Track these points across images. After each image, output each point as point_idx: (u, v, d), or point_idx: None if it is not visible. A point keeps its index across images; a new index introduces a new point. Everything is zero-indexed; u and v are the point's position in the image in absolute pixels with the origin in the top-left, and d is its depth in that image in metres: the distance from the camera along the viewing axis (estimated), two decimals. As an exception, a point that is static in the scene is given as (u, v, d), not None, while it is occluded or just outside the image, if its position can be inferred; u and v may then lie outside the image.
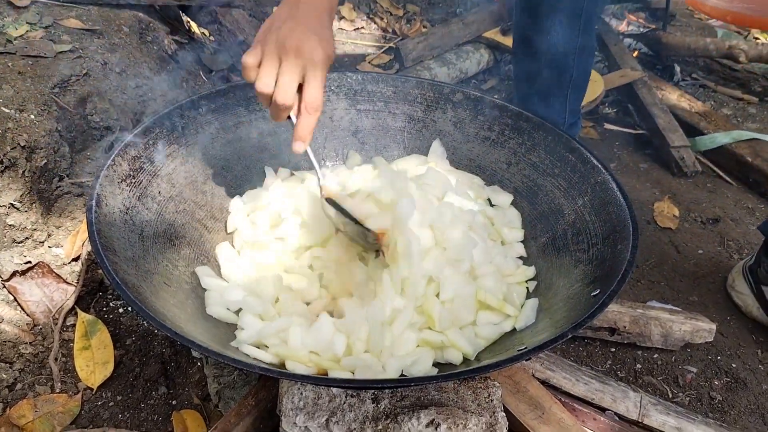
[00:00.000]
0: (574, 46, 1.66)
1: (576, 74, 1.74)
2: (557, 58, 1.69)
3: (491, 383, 1.14)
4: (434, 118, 1.53)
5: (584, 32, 1.65)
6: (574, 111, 1.85)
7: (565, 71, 1.72)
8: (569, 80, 1.74)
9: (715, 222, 2.07)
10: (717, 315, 1.70)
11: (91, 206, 1.07)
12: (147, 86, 1.89)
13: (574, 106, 1.83)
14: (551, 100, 1.80)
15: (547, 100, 1.80)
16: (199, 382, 1.37)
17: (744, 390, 1.52)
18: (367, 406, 1.08)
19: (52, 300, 1.43)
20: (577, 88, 1.79)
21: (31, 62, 1.68)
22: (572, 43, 1.66)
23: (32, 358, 1.35)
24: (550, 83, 1.76)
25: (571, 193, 1.32)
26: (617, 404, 1.31)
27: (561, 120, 1.83)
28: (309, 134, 1.12)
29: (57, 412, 1.26)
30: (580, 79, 1.77)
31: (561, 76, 1.73)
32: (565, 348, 1.55)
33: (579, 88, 1.80)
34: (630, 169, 2.33)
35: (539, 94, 1.79)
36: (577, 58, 1.70)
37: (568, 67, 1.71)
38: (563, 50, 1.68)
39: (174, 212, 1.28)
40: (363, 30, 2.95)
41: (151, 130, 1.29)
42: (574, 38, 1.65)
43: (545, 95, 1.79)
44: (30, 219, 1.48)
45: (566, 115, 1.82)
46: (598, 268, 1.14)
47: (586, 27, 1.65)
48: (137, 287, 1.01)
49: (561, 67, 1.72)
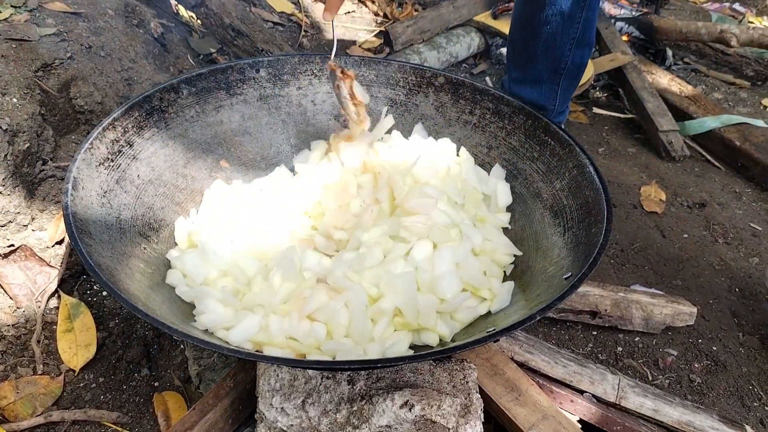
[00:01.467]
0: (572, 35, 1.66)
1: (571, 64, 1.73)
2: (555, 46, 1.69)
3: (467, 365, 1.15)
4: (416, 101, 1.53)
5: (584, 24, 1.65)
6: (564, 99, 1.85)
7: (561, 59, 1.72)
8: (564, 68, 1.74)
9: (701, 206, 2.08)
10: (700, 299, 1.71)
11: (67, 189, 1.08)
12: (133, 70, 1.88)
13: (565, 95, 1.83)
14: (543, 87, 1.79)
15: (540, 86, 1.79)
16: (181, 364, 1.38)
17: (724, 373, 1.53)
18: (342, 387, 1.09)
19: (35, 283, 1.43)
20: (570, 77, 1.78)
21: (14, 45, 1.67)
22: (571, 32, 1.66)
23: (15, 340, 1.35)
24: (544, 69, 1.76)
25: (550, 177, 1.32)
26: (595, 386, 1.32)
27: (551, 106, 1.83)
28: (336, 7, 1.35)
29: (39, 394, 1.27)
30: (575, 69, 1.77)
31: (556, 64, 1.73)
32: (547, 331, 1.56)
33: (573, 78, 1.80)
34: (618, 153, 2.33)
35: (532, 80, 1.79)
36: (574, 48, 1.69)
37: (564, 56, 1.71)
38: (561, 39, 1.67)
39: (153, 195, 1.29)
40: (354, 14, 2.94)
41: (130, 113, 1.28)
42: (573, 28, 1.65)
43: (538, 80, 1.78)
44: (13, 203, 1.48)
45: (557, 101, 1.82)
46: (573, 251, 1.15)
47: (586, 20, 1.64)
48: (112, 270, 1.02)
49: (557, 55, 1.71)
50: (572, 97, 2.04)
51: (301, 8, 2.76)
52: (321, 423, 1.04)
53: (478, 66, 2.74)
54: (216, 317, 1.11)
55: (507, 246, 1.30)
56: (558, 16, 1.63)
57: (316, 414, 1.05)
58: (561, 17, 1.62)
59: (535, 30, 1.68)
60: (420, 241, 1.23)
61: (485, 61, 2.76)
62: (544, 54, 1.72)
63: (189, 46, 2.23)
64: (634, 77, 2.54)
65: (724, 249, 1.91)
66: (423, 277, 1.17)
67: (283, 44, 2.35)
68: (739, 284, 1.78)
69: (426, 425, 1.03)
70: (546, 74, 1.77)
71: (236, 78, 1.45)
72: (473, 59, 2.78)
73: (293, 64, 1.50)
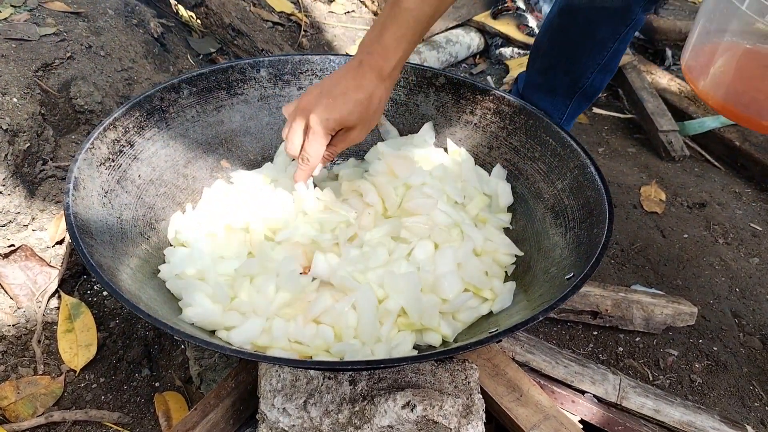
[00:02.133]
0: (599, 61, 1.65)
1: (589, 87, 1.73)
2: (579, 65, 1.68)
3: (469, 365, 1.15)
4: (417, 101, 1.53)
5: (613, 53, 1.64)
6: (572, 116, 1.85)
7: (581, 79, 1.71)
8: (581, 88, 1.73)
9: (701, 206, 2.08)
10: (700, 299, 1.71)
11: (68, 189, 1.08)
12: (133, 69, 1.88)
13: (574, 112, 1.83)
14: (556, 99, 1.79)
15: (553, 97, 1.79)
16: (182, 364, 1.38)
17: (725, 373, 1.53)
18: (344, 388, 1.09)
19: (36, 283, 1.43)
20: (584, 98, 1.78)
21: (14, 45, 1.67)
22: (599, 58, 1.65)
23: (15, 340, 1.35)
24: (561, 83, 1.75)
25: (551, 177, 1.32)
26: (596, 387, 1.32)
27: (557, 117, 1.82)
28: (303, 179, 1.29)
29: (40, 394, 1.27)
30: (591, 93, 1.76)
31: (575, 82, 1.72)
32: (548, 331, 1.56)
33: (586, 99, 1.79)
34: (618, 153, 2.33)
35: (547, 89, 1.78)
36: (597, 73, 1.69)
37: (585, 77, 1.70)
38: (587, 61, 1.66)
39: (154, 195, 1.29)
40: (354, 14, 2.94)
41: (131, 113, 1.28)
42: (602, 55, 1.64)
43: (552, 91, 1.78)
44: (13, 203, 1.48)
45: (564, 115, 1.82)
46: (575, 251, 1.15)
47: (616, 50, 1.63)
48: (114, 270, 1.02)
49: (579, 74, 1.70)
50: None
51: (301, 8, 2.76)
52: (323, 423, 1.04)
53: (477, 66, 2.74)
54: (203, 311, 1.11)
55: (508, 246, 1.30)
56: (590, 40, 1.61)
57: (317, 414, 1.05)
58: (593, 42, 1.61)
59: (563, 44, 1.67)
60: (421, 241, 1.23)
61: (485, 61, 2.76)
62: (565, 69, 1.71)
63: (189, 46, 2.22)
64: (634, 77, 2.54)
65: (724, 249, 1.91)
66: (425, 277, 1.17)
67: (283, 44, 2.35)
68: (739, 284, 1.78)
69: (428, 425, 1.03)
70: (562, 88, 1.76)
71: (237, 78, 1.45)
72: (473, 59, 2.78)
73: (294, 63, 1.50)
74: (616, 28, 1.58)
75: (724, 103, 1.06)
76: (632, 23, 1.57)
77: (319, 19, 2.79)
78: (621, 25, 1.57)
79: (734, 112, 1.06)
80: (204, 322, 1.11)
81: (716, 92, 1.07)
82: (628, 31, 1.59)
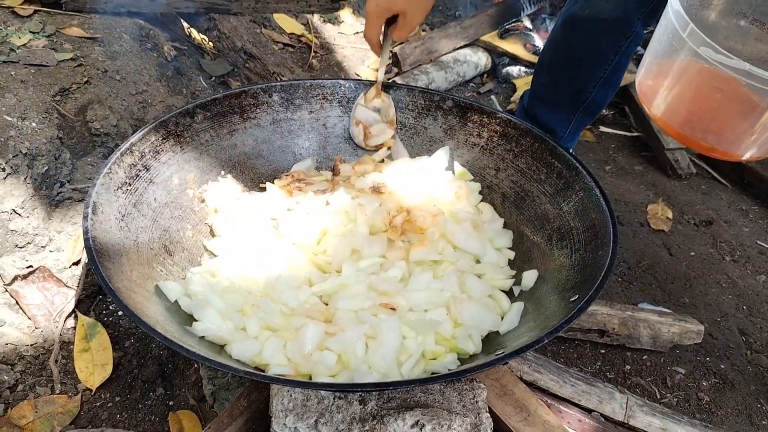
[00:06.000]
0: (601, 75, 1.68)
1: (592, 101, 1.76)
2: (581, 79, 1.71)
3: (477, 385, 1.17)
4: (425, 124, 1.56)
5: (615, 67, 1.67)
6: (576, 130, 1.87)
7: (583, 93, 1.74)
8: (584, 102, 1.76)
9: (708, 224, 2.09)
10: (707, 316, 1.73)
11: (87, 214, 1.11)
12: (147, 93, 1.92)
13: (577, 126, 1.85)
14: (560, 112, 1.82)
15: (556, 110, 1.82)
16: (195, 383, 1.40)
17: (732, 391, 1.54)
18: (354, 407, 1.11)
19: (53, 303, 1.46)
20: (587, 113, 1.81)
21: (33, 71, 1.72)
22: (600, 72, 1.68)
23: (33, 360, 1.38)
24: (565, 97, 1.78)
25: (557, 199, 1.35)
26: (603, 405, 1.33)
27: (561, 132, 1.85)
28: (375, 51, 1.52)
29: (57, 413, 1.30)
30: (595, 107, 1.79)
31: (578, 96, 1.75)
32: (556, 350, 1.58)
33: (590, 114, 1.82)
34: (625, 171, 2.35)
35: (552, 102, 1.81)
36: (599, 87, 1.72)
37: (588, 91, 1.73)
38: (589, 75, 1.70)
39: (169, 218, 1.32)
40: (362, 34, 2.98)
41: (147, 137, 1.32)
42: (603, 69, 1.67)
43: (556, 105, 1.81)
44: (32, 224, 1.52)
45: (568, 129, 1.85)
46: (580, 273, 1.17)
47: (618, 63, 1.67)
48: (130, 293, 1.05)
49: (581, 88, 1.73)
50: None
51: (311, 29, 2.81)
52: (334, 443, 1.06)
53: (485, 85, 2.77)
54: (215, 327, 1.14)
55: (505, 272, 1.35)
56: (591, 53, 1.65)
57: (328, 434, 1.07)
58: (594, 54, 1.65)
59: (566, 56, 1.70)
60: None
61: (492, 80, 2.80)
62: (569, 82, 1.74)
63: (201, 69, 2.27)
64: (640, 96, 2.56)
65: (731, 266, 1.92)
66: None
67: (293, 66, 2.39)
68: (746, 302, 1.79)
69: (437, 445, 1.05)
70: (566, 102, 1.79)
71: (250, 102, 1.49)
72: (480, 78, 2.82)
73: (305, 87, 1.54)
74: (616, 40, 1.61)
75: (668, 121, 1.09)
76: (632, 36, 1.60)
77: (329, 40, 2.84)
78: (621, 37, 1.60)
79: (680, 134, 1.09)
80: (214, 336, 1.14)
81: (662, 113, 1.10)
82: (629, 44, 1.62)
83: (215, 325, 1.14)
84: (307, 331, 1.12)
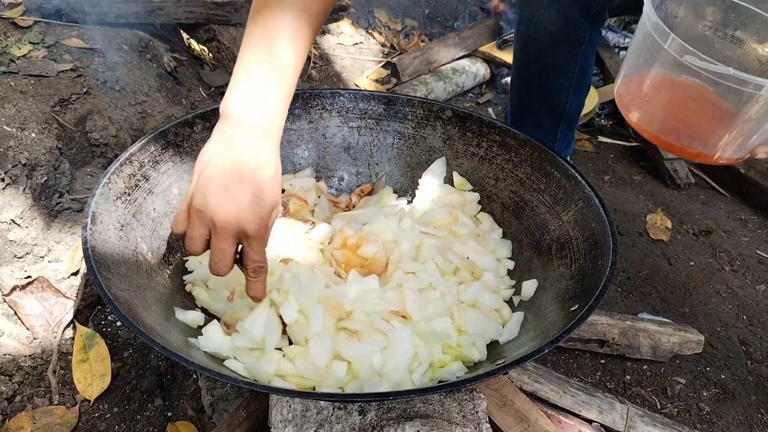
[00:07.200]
0: (568, 85, 1.69)
1: (569, 110, 1.76)
2: (551, 95, 1.71)
3: (477, 395, 1.16)
4: (424, 134, 1.56)
5: (579, 74, 1.67)
6: (564, 138, 1.88)
7: (557, 106, 1.74)
8: (562, 114, 1.76)
9: (707, 234, 2.09)
10: (707, 326, 1.72)
11: (86, 224, 1.11)
12: (146, 103, 1.92)
13: (565, 135, 1.86)
14: (543, 129, 1.82)
15: (540, 128, 1.82)
16: (194, 394, 1.40)
17: (732, 401, 1.54)
18: (354, 418, 1.10)
19: (52, 314, 1.46)
20: (569, 121, 1.81)
21: (33, 81, 1.72)
22: (566, 83, 1.68)
23: (31, 370, 1.38)
24: (542, 114, 1.78)
25: (556, 209, 1.35)
26: (604, 416, 1.33)
27: (551, 146, 1.86)
28: (263, 291, 1.09)
29: (55, 424, 1.29)
30: (574, 114, 1.80)
31: (554, 110, 1.76)
32: (556, 360, 1.57)
33: (572, 121, 1.83)
34: (624, 181, 2.36)
35: (533, 121, 1.82)
36: (571, 96, 1.72)
37: (561, 104, 1.73)
38: (556, 89, 1.70)
39: (168, 228, 1.32)
40: (362, 45, 2.99)
41: (146, 148, 1.32)
42: (568, 79, 1.67)
43: (538, 123, 1.81)
44: (30, 235, 1.52)
45: (557, 142, 1.85)
46: (580, 283, 1.17)
47: (581, 69, 1.67)
48: (129, 303, 1.04)
49: (554, 103, 1.74)
50: (578, 125, 2.07)
51: (310, 40, 2.82)
52: (333, 454, 1.06)
53: (483, 95, 2.78)
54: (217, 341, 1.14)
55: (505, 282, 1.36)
56: (552, 70, 1.65)
57: (328, 445, 1.06)
58: (554, 68, 1.65)
59: (532, 79, 1.71)
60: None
61: (491, 91, 2.81)
62: (541, 102, 1.75)
63: (201, 79, 2.28)
64: (639, 106, 2.57)
65: (730, 276, 1.92)
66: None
67: (292, 76, 2.40)
68: (746, 311, 1.79)
69: (437, 456, 1.04)
70: (545, 119, 1.79)
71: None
72: (479, 88, 2.83)
73: (304, 98, 1.54)
74: (571, 49, 1.61)
75: (648, 128, 1.12)
76: (585, 40, 1.60)
77: (328, 50, 2.85)
78: (575, 44, 1.60)
79: (660, 139, 1.12)
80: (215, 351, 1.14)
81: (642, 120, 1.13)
82: (585, 48, 1.62)
83: (219, 340, 1.14)
84: (321, 344, 1.11)
